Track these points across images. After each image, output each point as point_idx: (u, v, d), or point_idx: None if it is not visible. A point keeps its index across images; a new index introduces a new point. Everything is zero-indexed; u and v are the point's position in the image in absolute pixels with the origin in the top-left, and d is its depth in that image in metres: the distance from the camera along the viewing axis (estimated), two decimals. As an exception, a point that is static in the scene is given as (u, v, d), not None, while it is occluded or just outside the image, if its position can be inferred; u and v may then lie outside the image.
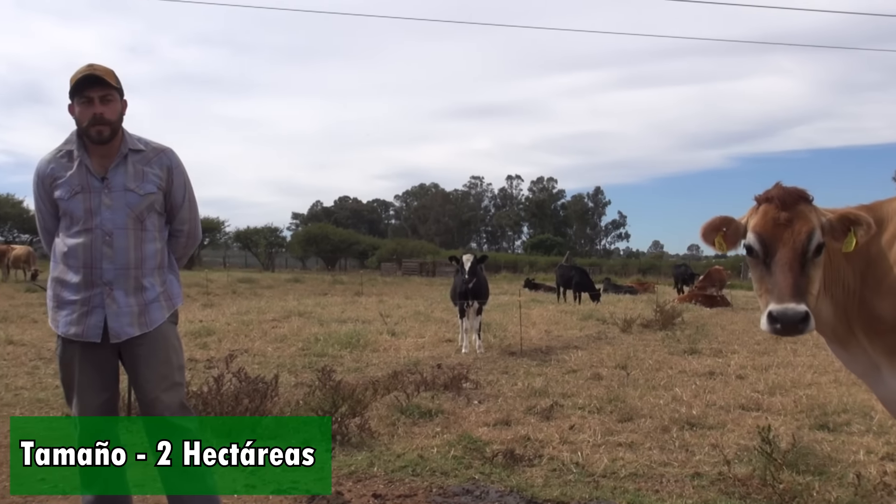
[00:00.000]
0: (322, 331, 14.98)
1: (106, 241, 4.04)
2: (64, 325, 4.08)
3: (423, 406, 7.92)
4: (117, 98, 4.12)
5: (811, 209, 3.69)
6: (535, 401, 8.52)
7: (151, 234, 4.17)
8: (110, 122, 4.08)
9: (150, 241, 4.16)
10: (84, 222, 4.05)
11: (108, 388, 4.17)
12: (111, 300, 4.04)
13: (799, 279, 3.52)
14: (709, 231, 3.90)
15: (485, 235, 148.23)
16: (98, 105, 4.05)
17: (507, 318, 18.60)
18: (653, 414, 7.86)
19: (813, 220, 3.64)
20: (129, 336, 4.07)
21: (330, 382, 7.39)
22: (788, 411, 8.06)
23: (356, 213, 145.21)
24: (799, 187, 3.74)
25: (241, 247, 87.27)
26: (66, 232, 4.11)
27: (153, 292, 4.15)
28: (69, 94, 4.09)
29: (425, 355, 12.53)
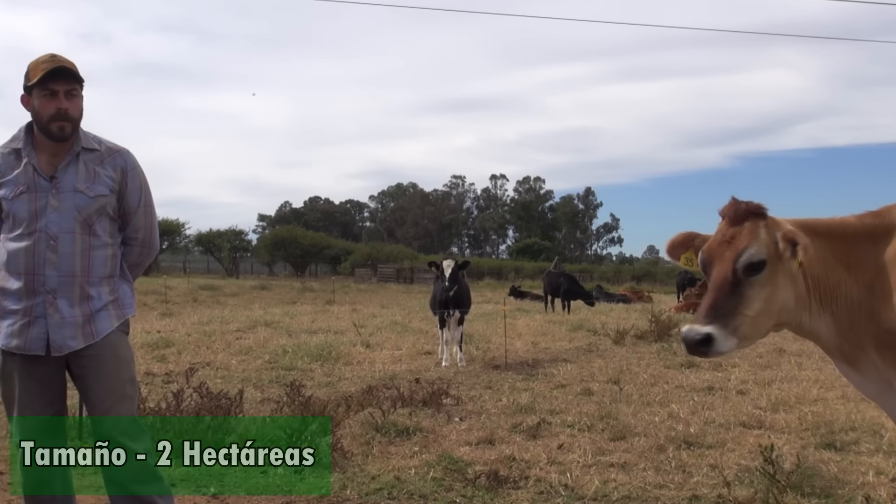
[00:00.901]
0: (290, 342, 14.92)
1: (50, 245, 3.99)
2: (5, 336, 4.03)
3: (399, 424, 7.90)
4: (80, 93, 4.09)
5: (759, 225, 3.75)
6: (520, 418, 8.51)
7: (101, 239, 4.12)
8: (73, 119, 4.05)
9: (100, 248, 4.11)
10: (28, 225, 4.00)
11: (52, 404, 4.14)
12: (54, 310, 3.99)
13: (720, 300, 3.66)
14: (673, 248, 4.03)
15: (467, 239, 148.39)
16: (63, 100, 4.01)
17: (490, 328, 18.59)
18: (647, 432, 7.87)
19: (750, 238, 3.73)
20: (71, 349, 4.03)
21: (299, 398, 7.37)
22: (793, 429, 8.09)
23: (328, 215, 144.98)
24: (753, 202, 3.82)
25: (202, 251, 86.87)
26: (8, 235, 4.06)
27: (100, 301, 4.10)
28: (27, 85, 4.04)
29: (402, 369, 12.51)
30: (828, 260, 3.79)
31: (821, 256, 3.79)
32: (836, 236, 3.87)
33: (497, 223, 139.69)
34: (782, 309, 3.76)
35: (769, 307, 3.73)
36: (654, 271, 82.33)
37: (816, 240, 3.79)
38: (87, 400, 4.16)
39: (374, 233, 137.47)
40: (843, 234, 3.87)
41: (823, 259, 3.79)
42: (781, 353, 14.08)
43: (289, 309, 25.29)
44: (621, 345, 16.12)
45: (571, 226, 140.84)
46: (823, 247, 3.81)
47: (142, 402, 6.96)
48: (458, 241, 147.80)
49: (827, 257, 3.80)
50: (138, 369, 11.15)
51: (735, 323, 3.66)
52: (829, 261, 3.80)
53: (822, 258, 3.79)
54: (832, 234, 3.87)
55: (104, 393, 4.10)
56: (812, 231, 3.82)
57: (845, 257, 3.82)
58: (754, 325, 3.73)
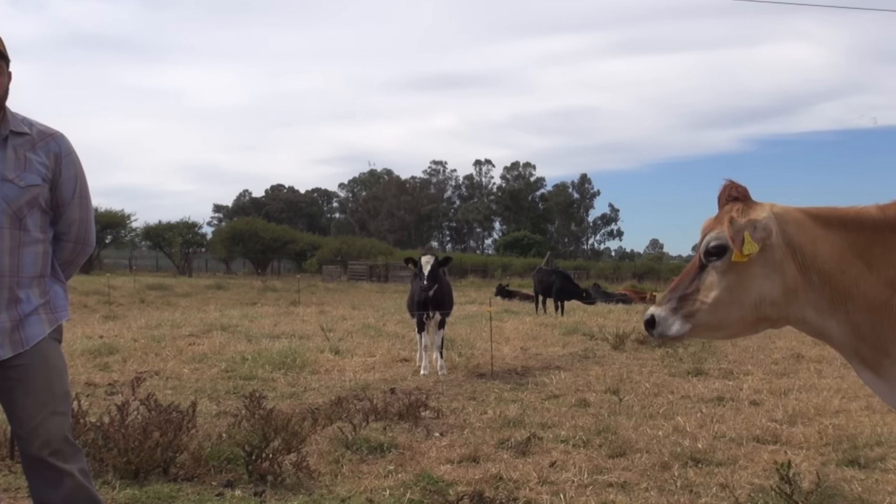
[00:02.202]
0: (250, 348, 14.90)
1: (-26, 242, 3.95)
2: (-73, 344, 3.98)
3: (372, 439, 7.89)
4: (6, 70, 4.05)
5: (732, 209, 3.93)
6: (508, 432, 8.52)
7: (32, 235, 4.06)
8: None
9: (31, 244, 4.05)
10: (-51, 219, 3.96)
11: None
12: None
13: (682, 283, 3.97)
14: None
15: (448, 232, 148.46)
16: None
17: (474, 332, 18.60)
18: (650, 448, 7.90)
19: (716, 223, 3.96)
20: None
21: (260, 411, 7.34)
22: (812, 444, 8.13)
23: (292, 206, 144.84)
24: (734, 184, 4.01)
25: (150, 246, 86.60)
26: None
27: (30, 305, 4.04)
28: None
29: (376, 378, 12.51)
30: (843, 254, 3.80)
31: (834, 250, 3.81)
32: (853, 228, 3.86)
33: (482, 214, 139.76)
34: (763, 301, 3.85)
35: (735, 297, 3.87)
36: (658, 268, 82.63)
37: (829, 232, 3.82)
38: (13, 416, 4.09)
39: (344, 225, 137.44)
40: (862, 225, 3.87)
41: (838, 253, 3.80)
42: (799, 360, 14.15)
43: (248, 311, 25.24)
44: (621, 350, 16.18)
45: (565, 217, 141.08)
46: (838, 240, 3.83)
47: (81, 417, 6.93)
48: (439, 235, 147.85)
49: (842, 251, 3.81)
50: (78, 379, 11.15)
51: (690, 308, 3.90)
52: (846, 255, 3.81)
53: (835, 252, 3.80)
54: (848, 226, 3.87)
55: (34, 408, 4.04)
56: (824, 222, 3.85)
57: (866, 252, 3.82)
58: (715, 314, 3.90)
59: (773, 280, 3.82)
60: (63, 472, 4.06)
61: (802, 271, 3.81)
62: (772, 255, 3.81)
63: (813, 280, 3.81)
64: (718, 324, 3.93)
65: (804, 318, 3.88)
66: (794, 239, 3.82)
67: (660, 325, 3.92)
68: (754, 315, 3.89)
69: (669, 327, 3.91)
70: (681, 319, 3.90)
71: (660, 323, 3.92)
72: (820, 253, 3.79)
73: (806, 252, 3.80)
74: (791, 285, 3.83)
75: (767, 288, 3.83)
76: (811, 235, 3.82)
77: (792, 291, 3.83)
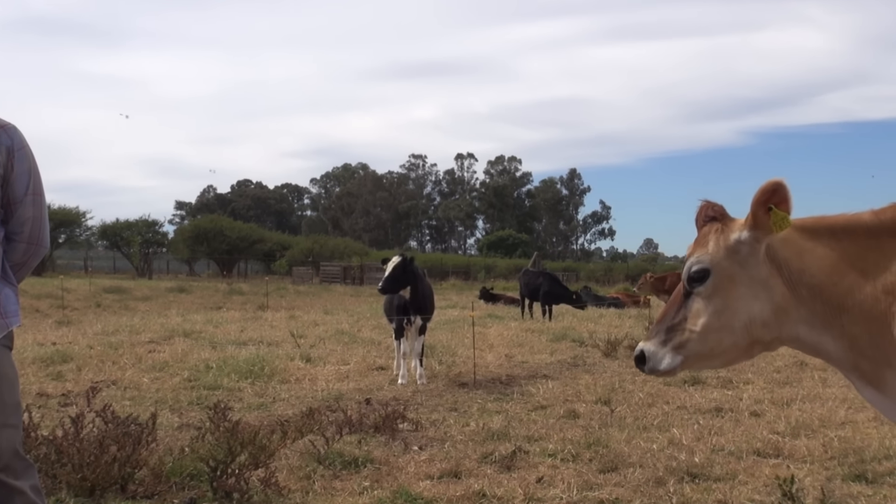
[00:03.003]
0: (215, 356, 14.85)
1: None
2: None
3: (346, 453, 7.89)
4: None
5: (711, 231, 4.01)
6: (492, 446, 8.53)
7: None
8: None
9: None
10: None
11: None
12: None
13: (669, 314, 4.04)
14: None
15: (428, 231, 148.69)
16: None
17: (456, 338, 18.62)
18: (643, 462, 7.92)
19: (696, 246, 4.04)
20: None
21: (225, 423, 7.32)
22: (816, 458, 8.17)
23: (260, 203, 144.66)
24: (711, 203, 4.08)
25: (107, 246, 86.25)
26: None
27: None
28: None
29: (350, 387, 12.50)
30: (834, 265, 3.83)
31: (823, 262, 3.84)
32: (844, 237, 3.88)
33: (464, 212, 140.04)
34: (753, 323, 3.89)
35: (724, 321, 3.92)
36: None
37: (816, 243, 3.86)
38: None
39: (316, 224, 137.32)
40: (854, 233, 3.88)
41: (828, 265, 3.83)
42: (803, 368, 14.21)
43: (213, 316, 25.18)
44: (613, 358, 16.20)
45: (553, 215, 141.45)
46: (827, 250, 3.86)
47: (32, 430, 6.89)
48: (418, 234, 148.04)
49: (832, 262, 3.83)
50: (29, 389, 11.10)
51: (679, 339, 3.95)
52: (836, 266, 3.83)
53: (824, 264, 3.83)
54: (838, 235, 3.89)
55: None
56: (810, 233, 3.89)
57: (859, 260, 3.83)
58: (705, 342, 3.95)
59: (761, 299, 3.87)
60: (14, 489, 4.05)
61: (790, 287, 3.85)
62: (757, 273, 3.87)
63: (802, 295, 3.84)
64: (710, 352, 3.98)
65: (798, 337, 3.91)
66: (778, 254, 3.86)
67: (650, 360, 3.97)
68: (746, 339, 3.93)
69: (660, 361, 3.97)
70: (671, 352, 3.95)
71: (650, 358, 3.97)
72: (807, 266, 3.83)
73: (792, 266, 3.84)
74: (780, 303, 3.87)
75: (756, 308, 3.88)
76: (796, 248, 3.86)
77: (782, 309, 3.87)
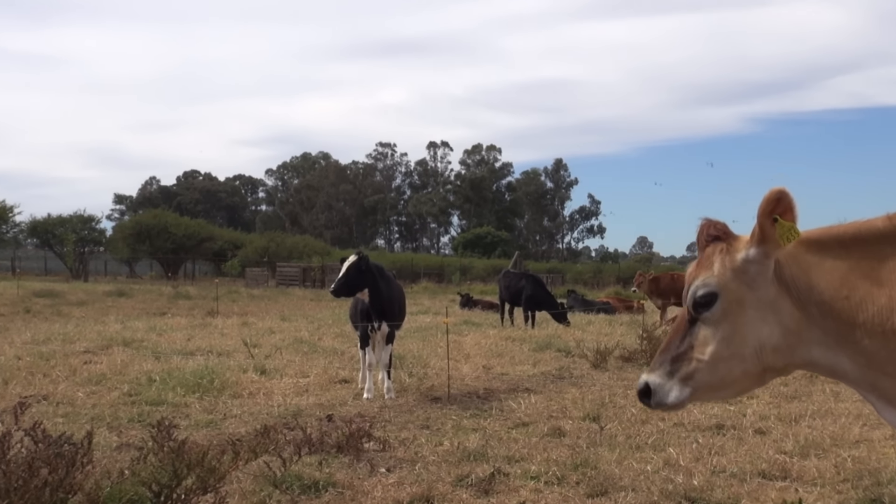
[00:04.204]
0: (158, 368, 14.82)
1: None
2: None
3: (306, 476, 7.89)
4: None
5: (715, 251, 4.04)
6: (468, 468, 8.54)
7: None
8: None
9: None
10: None
11: None
12: None
13: (673, 342, 4.05)
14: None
15: (397, 228, 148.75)
16: None
17: (428, 348, 18.62)
18: (636, 485, 7.94)
19: (699, 269, 4.06)
20: None
21: (169, 443, 7.29)
22: (827, 480, 8.21)
23: (209, 196, 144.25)
24: (712, 222, 4.12)
25: (38, 244, 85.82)
26: None
27: None
28: None
29: (310, 402, 12.49)
30: (844, 278, 3.86)
31: (832, 276, 3.87)
32: (855, 247, 3.91)
33: (437, 207, 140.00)
34: (763, 348, 3.93)
35: (735, 349, 3.95)
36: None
37: (824, 257, 3.90)
38: None
39: (272, 220, 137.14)
40: (867, 241, 3.91)
41: (838, 278, 3.87)
42: (813, 381, 14.27)
43: (156, 323, 25.06)
44: (602, 369, 16.27)
45: (536, 211, 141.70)
46: (836, 263, 3.89)
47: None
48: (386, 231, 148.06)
49: (843, 275, 3.87)
50: (-52, 405, 11.01)
51: (687, 369, 3.98)
52: (847, 279, 3.86)
53: (833, 278, 3.87)
54: (848, 246, 3.92)
55: None
56: (817, 247, 3.92)
57: (873, 271, 3.86)
58: (715, 372, 3.98)
59: (770, 323, 3.91)
60: None
61: (800, 307, 3.89)
62: (766, 295, 3.91)
63: (813, 314, 3.88)
64: (720, 382, 4.00)
65: (812, 360, 3.96)
66: (785, 272, 3.90)
67: (656, 393, 3.98)
68: (758, 366, 3.97)
69: (667, 394, 3.98)
70: (679, 384, 3.97)
71: (656, 391, 3.98)
72: (816, 282, 3.87)
73: (800, 284, 3.88)
74: (790, 325, 3.91)
75: (766, 332, 3.92)
76: (803, 265, 3.90)
77: (793, 332, 3.91)
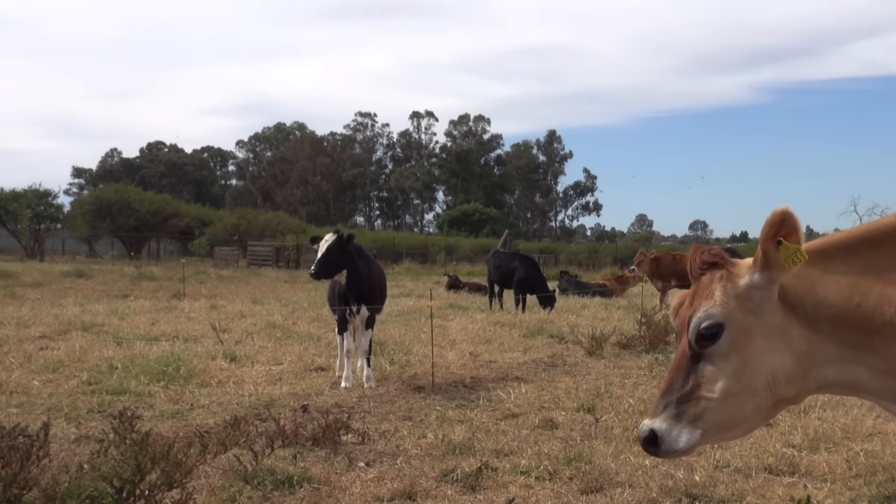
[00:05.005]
0: (121, 354, 14.81)
1: None
2: None
3: (279, 471, 7.89)
4: None
5: (714, 279, 3.98)
6: (453, 461, 8.55)
7: None
8: None
9: None
10: None
11: None
12: None
13: (676, 382, 3.98)
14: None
15: (378, 204, 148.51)
16: None
17: (411, 333, 18.64)
18: (634, 481, 7.96)
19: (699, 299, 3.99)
20: None
21: (132, 435, 7.29)
22: (838, 476, 8.24)
23: (175, 170, 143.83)
24: (702, 247, 4.11)
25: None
26: None
27: None
28: None
29: (284, 392, 12.49)
30: (854, 285, 3.88)
31: (840, 286, 3.88)
32: (864, 249, 3.93)
33: (421, 182, 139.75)
34: (776, 379, 3.90)
35: (745, 383, 3.90)
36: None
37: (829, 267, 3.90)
38: None
39: (242, 195, 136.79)
40: (876, 240, 3.93)
41: (847, 286, 3.88)
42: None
43: (118, 306, 25.03)
44: (598, 357, 16.30)
45: (528, 186, 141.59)
46: (844, 269, 3.91)
47: None
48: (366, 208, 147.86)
49: (852, 282, 3.88)
50: None
51: (695, 410, 3.91)
52: (858, 285, 3.88)
53: (842, 287, 3.88)
54: (856, 250, 3.94)
55: None
56: (820, 257, 3.92)
57: (885, 272, 3.88)
58: (726, 409, 3.92)
59: (780, 350, 3.89)
60: None
61: (809, 326, 3.89)
62: (773, 321, 3.88)
63: (824, 330, 3.88)
64: (732, 420, 3.94)
65: (826, 380, 3.97)
66: (788, 293, 3.89)
67: (665, 440, 3.92)
68: (770, 399, 3.93)
69: (676, 440, 3.91)
70: (688, 427, 3.91)
71: (664, 438, 3.92)
72: (823, 296, 3.87)
73: (806, 303, 3.88)
74: (801, 347, 3.90)
75: (777, 361, 3.89)
76: (808, 282, 3.90)
77: (805, 355, 3.90)
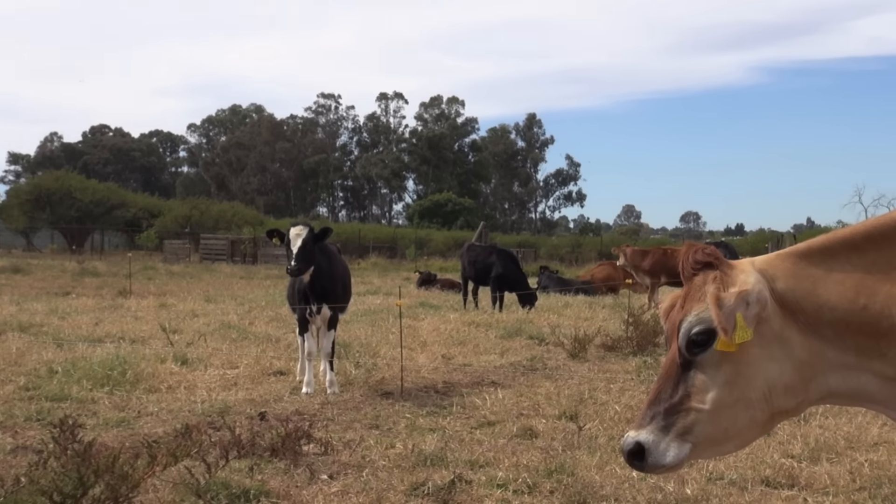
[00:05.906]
0: (61, 357, 14.77)
1: None
2: None
3: (234, 484, 7.88)
4: None
5: (707, 281, 3.98)
6: (424, 474, 8.56)
7: None
8: None
9: None
10: None
11: None
12: None
13: (664, 392, 3.99)
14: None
15: (343, 194, 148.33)
16: None
17: (378, 334, 18.64)
18: (620, 494, 7.99)
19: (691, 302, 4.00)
20: None
21: (74, 445, 7.27)
22: (841, 488, 8.28)
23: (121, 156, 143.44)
24: (698, 246, 4.11)
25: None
26: None
27: None
28: None
29: (239, 398, 12.48)
30: (860, 284, 3.90)
31: (844, 287, 3.91)
32: (870, 246, 3.95)
33: (390, 169, 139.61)
34: (773, 390, 3.91)
35: (739, 393, 3.92)
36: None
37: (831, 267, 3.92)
38: None
39: (195, 184, 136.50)
40: (883, 236, 3.96)
41: (852, 287, 3.90)
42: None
43: (58, 304, 24.96)
44: (581, 360, 16.33)
45: (505, 174, 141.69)
46: (848, 268, 3.93)
47: None
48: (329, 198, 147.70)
49: (857, 282, 3.91)
50: None
51: (684, 422, 3.91)
52: (863, 284, 3.90)
53: (846, 288, 3.90)
54: (861, 247, 3.96)
55: None
56: (821, 256, 3.96)
57: (894, 270, 3.90)
58: (718, 422, 3.93)
59: (779, 359, 3.90)
60: None
61: (810, 332, 3.90)
62: (770, 328, 3.89)
63: (826, 336, 3.89)
64: (724, 434, 3.96)
65: (829, 390, 3.98)
66: (787, 297, 3.90)
67: (651, 453, 3.90)
68: (766, 412, 3.94)
69: (664, 454, 3.90)
70: (676, 440, 3.90)
71: (651, 451, 3.90)
72: (825, 300, 3.88)
73: (807, 307, 3.89)
74: (801, 356, 3.91)
75: (775, 371, 3.90)
76: (808, 283, 3.91)
77: (806, 364, 3.91)
